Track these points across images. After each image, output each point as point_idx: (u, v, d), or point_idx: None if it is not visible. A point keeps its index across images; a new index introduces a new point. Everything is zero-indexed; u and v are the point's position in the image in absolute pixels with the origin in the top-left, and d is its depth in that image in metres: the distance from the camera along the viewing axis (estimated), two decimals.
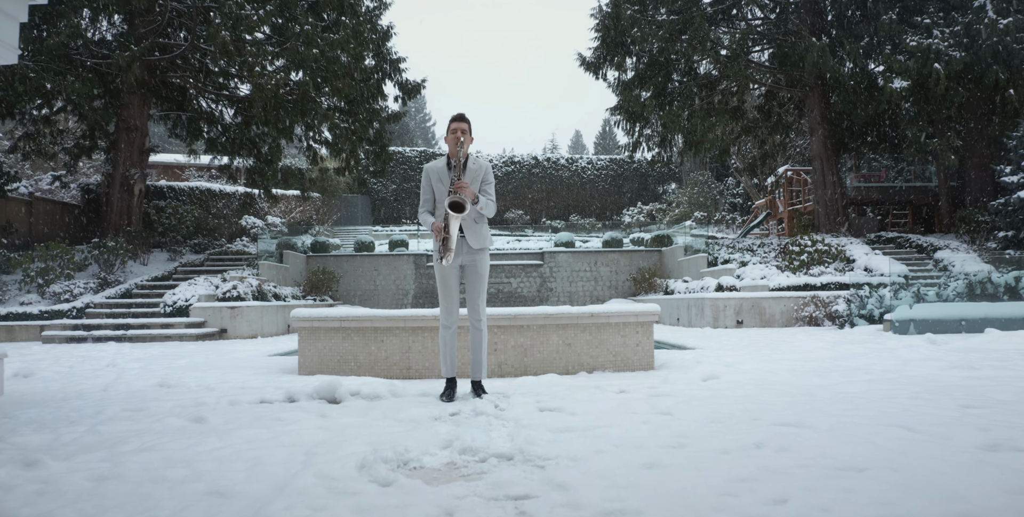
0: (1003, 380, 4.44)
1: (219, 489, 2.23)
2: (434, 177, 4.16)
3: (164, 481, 2.35)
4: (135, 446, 2.89)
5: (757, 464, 2.42)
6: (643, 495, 2.09)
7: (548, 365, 5.59)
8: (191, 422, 3.47)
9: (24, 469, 2.50)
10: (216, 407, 3.90)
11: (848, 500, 1.99)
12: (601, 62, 18.97)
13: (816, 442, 2.72)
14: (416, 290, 19.14)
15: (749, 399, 3.84)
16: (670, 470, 2.38)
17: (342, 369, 5.64)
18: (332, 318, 5.73)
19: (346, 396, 4.18)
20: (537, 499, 2.10)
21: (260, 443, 2.93)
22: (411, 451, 2.67)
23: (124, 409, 3.89)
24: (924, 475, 2.22)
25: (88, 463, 2.60)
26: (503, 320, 5.60)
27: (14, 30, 5.01)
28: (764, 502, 2.00)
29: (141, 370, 6.28)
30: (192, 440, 3.02)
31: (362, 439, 2.95)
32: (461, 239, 4.16)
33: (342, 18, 16.20)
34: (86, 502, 2.12)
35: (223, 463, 2.57)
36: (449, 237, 3.93)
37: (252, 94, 15.68)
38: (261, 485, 2.29)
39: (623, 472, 2.36)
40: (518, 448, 2.68)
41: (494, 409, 3.67)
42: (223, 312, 12.25)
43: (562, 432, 3.05)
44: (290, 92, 16.20)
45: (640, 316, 5.80)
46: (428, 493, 2.18)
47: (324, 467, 2.48)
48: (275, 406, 3.98)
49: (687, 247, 17.85)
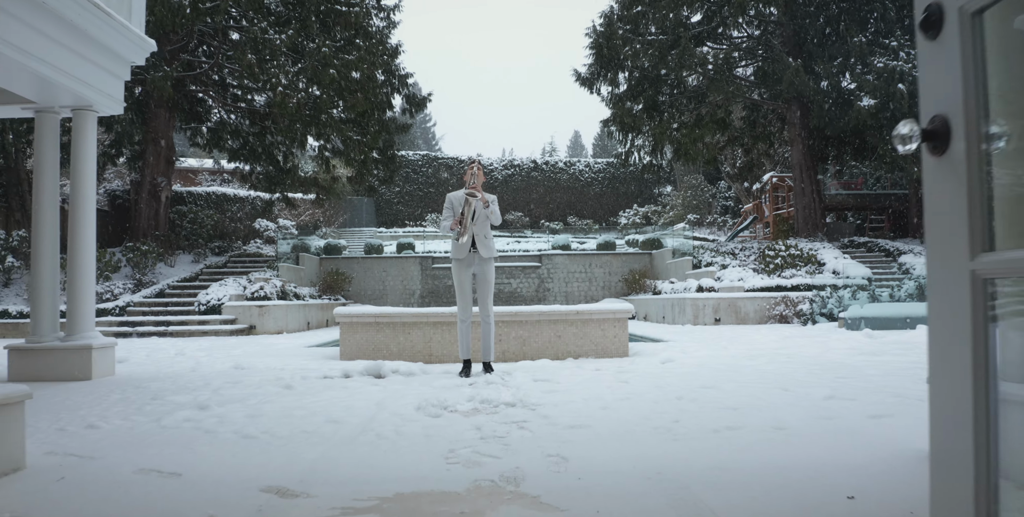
0: (889, 362, 5.79)
1: (333, 419, 3.59)
2: (455, 202, 5.54)
3: (294, 416, 3.70)
4: (258, 401, 4.24)
5: (672, 406, 3.78)
6: (595, 420, 3.45)
7: (542, 352, 6.94)
8: (283, 388, 4.82)
9: (200, 410, 3.85)
10: (293, 380, 5.24)
11: (716, 420, 3.34)
12: (595, 78, 20.31)
13: (716, 396, 4.08)
14: (422, 290, 20.47)
15: (688, 374, 5.20)
16: (616, 410, 3.73)
17: (376, 355, 6.98)
18: (368, 315, 7.08)
19: (388, 373, 5.54)
20: (529, 422, 3.45)
21: (343, 398, 4.28)
22: (447, 402, 4.02)
23: (225, 382, 5.24)
24: (771, 410, 3.58)
25: (236, 409, 3.94)
26: (506, 316, 6.94)
27: (120, 87, 6.37)
28: (667, 421, 3.36)
29: (208, 357, 7.62)
30: (293, 398, 4.37)
31: (411, 396, 4.30)
32: (473, 251, 5.51)
33: (356, 40, 17.52)
34: (254, 426, 3.46)
35: (326, 407, 3.93)
36: (465, 219, 5.32)
37: (273, 109, 17.03)
38: (357, 418, 3.64)
39: (585, 411, 3.71)
40: (518, 399, 4.04)
41: (501, 380, 5.02)
42: (252, 310, 13.59)
43: (548, 393, 4.40)
44: (306, 106, 17.55)
45: (617, 314, 7.15)
46: (463, 420, 3.54)
47: (393, 409, 3.83)
48: (336, 380, 5.33)
49: (675, 250, 19.21)
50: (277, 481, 2.44)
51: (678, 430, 3.20)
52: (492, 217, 5.48)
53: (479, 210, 5.43)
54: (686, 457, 2.70)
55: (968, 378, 1.05)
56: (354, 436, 3.21)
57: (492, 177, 36.58)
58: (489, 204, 5.45)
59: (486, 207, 5.44)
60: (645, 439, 3.04)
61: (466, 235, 5.39)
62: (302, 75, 16.68)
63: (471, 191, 5.38)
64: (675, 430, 3.20)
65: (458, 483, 2.39)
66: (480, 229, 5.49)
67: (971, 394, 1.04)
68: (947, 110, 1.06)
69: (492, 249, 5.58)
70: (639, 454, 2.76)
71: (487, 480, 2.42)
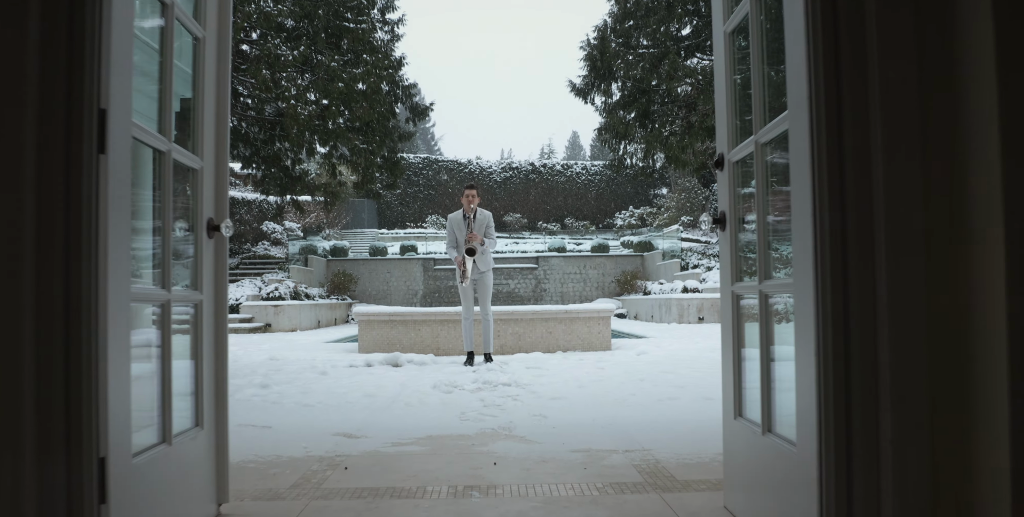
0: None
1: (368, 394, 4.62)
2: (455, 226, 6.56)
3: (336, 392, 4.73)
4: (303, 382, 5.27)
5: (634, 385, 4.82)
6: (571, 394, 4.49)
7: (535, 346, 7.97)
8: (319, 374, 5.85)
9: (262, 389, 4.88)
10: (326, 368, 6.26)
11: (663, 393, 4.38)
12: (589, 89, 21.30)
13: (671, 378, 5.12)
14: (424, 290, 21.50)
15: (655, 363, 6.25)
16: (589, 388, 4.77)
17: (390, 349, 8.01)
18: (383, 313, 8.12)
19: (404, 362, 6.58)
20: (521, 396, 4.48)
21: (371, 381, 5.31)
22: (457, 382, 5.06)
23: (269, 370, 6.26)
24: (708, 388, 4.61)
25: (289, 388, 4.97)
26: (503, 315, 7.97)
27: None
28: (626, 394, 4.40)
29: (242, 351, 8.64)
30: (330, 380, 5.40)
31: (427, 379, 5.34)
32: (474, 265, 6.53)
33: (363, 55, 18.55)
34: (308, 398, 4.49)
35: (360, 386, 4.96)
36: (466, 269, 6.33)
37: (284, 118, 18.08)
38: (387, 393, 4.67)
39: (564, 388, 4.75)
40: (513, 381, 5.08)
41: (499, 367, 6.06)
42: (268, 310, 14.62)
43: (537, 376, 5.44)
44: (315, 116, 18.59)
45: (601, 313, 8.19)
46: (470, 395, 4.57)
47: (414, 388, 4.87)
48: (361, 368, 6.36)
49: (665, 253, 20.26)
50: (341, 430, 3.47)
51: (632, 400, 4.24)
52: (488, 247, 6.47)
53: (477, 247, 6.42)
54: (632, 415, 3.73)
55: (731, 346, 2.08)
56: (388, 405, 4.24)
57: (491, 180, 37.52)
58: (484, 242, 6.42)
59: (482, 244, 6.42)
60: (606, 406, 4.08)
61: (467, 281, 6.39)
62: (312, 87, 17.74)
63: (470, 246, 6.32)
64: (630, 400, 4.24)
65: (469, 430, 3.42)
66: (479, 248, 6.52)
67: (732, 353, 2.07)
68: (725, 208, 2.08)
69: (489, 263, 6.60)
70: (599, 415, 3.80)
71: (489, 428, 3.45)
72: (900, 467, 1.30)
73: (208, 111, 2.06)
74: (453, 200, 35.40)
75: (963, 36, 1.30)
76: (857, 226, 1.36)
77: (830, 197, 1.37)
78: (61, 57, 1.35)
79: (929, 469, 1.31)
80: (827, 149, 1.37)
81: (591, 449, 2.97)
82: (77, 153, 1.35)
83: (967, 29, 1.28)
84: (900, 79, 1.34)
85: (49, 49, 1.35)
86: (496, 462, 2.75)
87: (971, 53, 1.28)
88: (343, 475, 2.60)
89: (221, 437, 2.15)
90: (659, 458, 2.79)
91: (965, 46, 1.29)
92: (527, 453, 2.91)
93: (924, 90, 1.35)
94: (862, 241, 1.36)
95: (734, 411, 2.06)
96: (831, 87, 1.38)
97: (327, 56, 17.80)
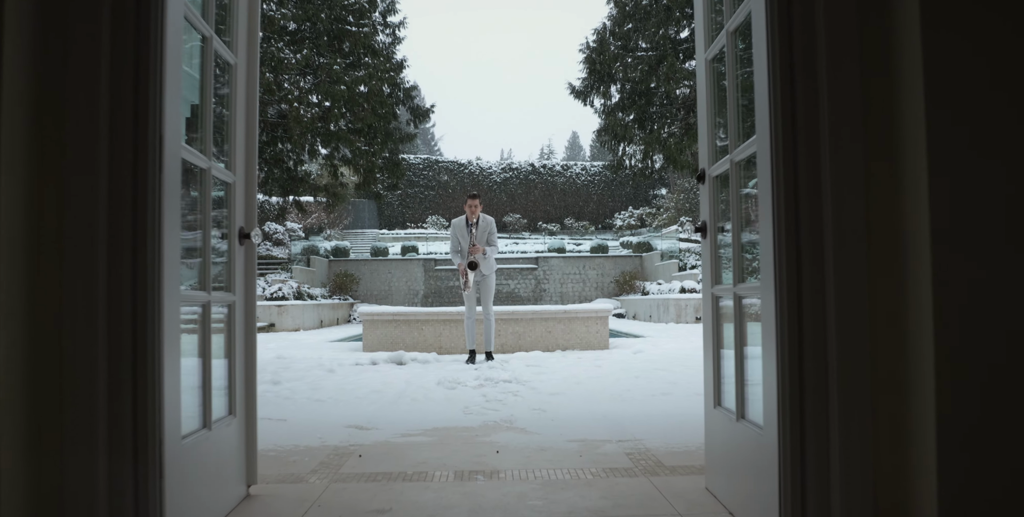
0: None
1: (375, 390, 4.85)
2: (458, 231, 6.79)
3: (345, 388, 4.95)
4: (313, 379, 5.49)
5: (629, 382, 5.04)
6: (569, 390, 4.72)
7: (535, 345, 8.19)
8: (327, 372, 6.07)
9: (274, 385, 5.11)
10: (333, 366, 6.48)
11: (656, 389, 4.60)
12: (589, 91, 21.58)
13: (664, 375, 5.35)
14: (426, 290, 21.72)
15: (650, 361, 6.47)
16: (586, 384, 5.00)
17: (394, 347, 8.23)
18: (387, 313, 8.34)
19: (408, 361, 6.80)
20: (521, 392, 4.71)
21: (378, 377, 5.54)
22: (460, 379, 5.28)
23: (278, 367, 6.48)
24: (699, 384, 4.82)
25: (299, 384, 5.19)
26: (504, 315, 8.19)
27: None
28: (621, 390, 4.62)
29: None
30: (338, 377, 5.62)
31: (431, 376, 5.56)
32: (477, 270, 6.76)
33: (365, 59, 18.79)
34: (319, 394, 4.71)
35: (367, 383, 5.18)
36: (468, 279, 6.56)
37: (287, 121, 18.30)
38: (393, 389, 4.90)
39: (563, 385, 4.98)
40: (514, 377, 5.31)
41: (500, 365, 6.28)
42: (271, 309, 14.84)
43: (537, 374, 5.66)
44: (318, 118, 18.82)
45: (599, 313, 8.42)
46: (473, 391, 4.79)
47: (419, 384, 5.09)
48: (367, 366, 6.58)
49: (663, 253, 20.48)
50: (352, 422, 3.69)
51: (627, 395, 4.46)
52: (490, 254, 6.70)
53: (480, 260, 6.64)
54: (626, 409, 3.96)
55: (711, 342, 2.30)
56: (394, 400, 4.47)
57: (491, 180, 37.73)
58: (486, 251, 6.65)
59: (484, 254, 6.65)
60: (602, 401, 4.30)
61: (468, 287, 6.63)
62: (315, 90, 17.95)
63: (473, 260, 6.56)
64: (625, 396, 4.46)
65: (473, 422, 3.65)
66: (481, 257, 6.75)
67: (712, 349, 2.30)
68: (706, 218, 2.30)
69: (492, 266, 6.83)
70: (595, 408, 4.02)
71: (491, 421, 3.68)
72: (846, 439, 1.53)
73: (239, 131, 2.29)
74: (454, 200, 35.69)
75: (899, 110, 1.52)
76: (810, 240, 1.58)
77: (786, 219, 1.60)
78: (129, 95, 1.57)
79: (871, 440, 1.53)
80: (783, 177, 1.60)
81: (587, 439, 3.19)
82: (143, 174, 1.58)
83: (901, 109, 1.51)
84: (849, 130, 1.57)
85: (118, 93, 1.57)
86: (498, 451, 2.98)
87: (905, 124, 1.50)
88: (357, 462, 2.82)
89: (250, 425, 2.38)
90: (649, 447, 3.01)
91: (899, 118, 1.52)
92: (527, 443, 3.14)
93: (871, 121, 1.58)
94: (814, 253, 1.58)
95: (714, 401, 2.29)
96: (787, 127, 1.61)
97: (329, 59, 18.05)
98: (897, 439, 1.54)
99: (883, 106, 1.57)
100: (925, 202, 1.44)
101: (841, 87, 1.56)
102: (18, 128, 1.46)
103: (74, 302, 1.54)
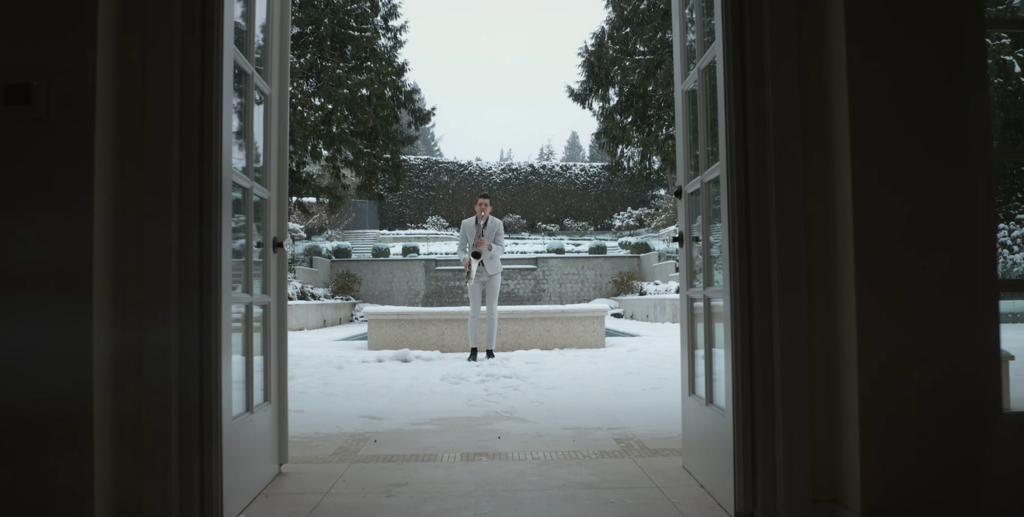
0: None
1: (384, 384, 5.17)
2: (467, 231, 7.12)
3: (355, 384, 5.28)
4: (323, 375, 5.82)
5: (622, 377, 5.37)
6: (566, 385, 5.04)
7: (534, 343, 8.52)
8: (336, 368, 6.39)
9: (288, 380, 5.42)
10: (341, 363, 6.81)
11: (647, 384, 4.93)
12: (587, 94, 21.92)
13: (656, 371, 5.68)
14: (426, 290, 22.04)
15: (644, 358, 6.80)
16: (582, 379, 5.32)
17: (398, 346, 8.55)
18: (392, 313, 8.67)
19: (413, 358, 7.13)
20: (520, 387, 5.03)
21: (384, 374, 5.86)
22: (463, 375, 5.60)
23: (288, 364, 6.80)
24: None
25: (312, 380, 5.51)
26: (504, 314, 8.51)
27: None
28: (614, 385, 4.95)
29: None
30: (347, 373, 5.95)
31: (435, 372, 5.89)
32: (481, 267, 7.09)
33: (367, 63, 19.12)
34: (331, 388, 5.04)
35: (375, 378, 5.51)
36: (471, 270, 6.89)
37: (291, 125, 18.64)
38: (400, 384, 5.22)
39: (560, 380, 5.31)
40: (514, 373, 5.63)
41: (501, 362, 6.61)
42: None
43: (536, 370, 5.99)
44: (321, 121, 19.15)
45: (596, 312, 8.74)
46: (475, 385, 5.12)
47: (424, 380, 5.42)
48: (373, 363, 6.90)
49: (661, 254, 20.80)
50: (365, 413, 4.02)
51: (620, 389, 4.79)
52: (496, 251, 7.03)
53: (485, 253, 6.97)
54: (618, 402, 4.29)
55: (686, 337, 2.63)
56: (402, 394, 4.79)
57: (490, 181, 38.02)
58: (492, 247, 6.99)
59: (490, 249, 6.98)
60: (596, 394, 4.63)
61: (471, 281, 6.96)
62: (318, 93, 18.29)
63: (477, 250, 6.90)
64: (618, 389, 4.79)
65: (476, 413, 3.97)
66: (486, 253, 7.08)
67: (687, 343, 2.62)
68: (682, 229, 2.63)
69: (497, 267, 7.16)
70: (590, 401, 4.35)
71: (493, 412, 4.00)
72: (788, 418, 1.85)
73: (273, 153, 2.61)
74: (454, 201, 36.02)
75: (833, 150, 1.85)
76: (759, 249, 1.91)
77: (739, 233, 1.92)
78: (195, 133, 1.90)
79: (810, 419, 1.86)
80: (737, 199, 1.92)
81: (580, 427, 3.52)
82: (208, 195, 1.90)
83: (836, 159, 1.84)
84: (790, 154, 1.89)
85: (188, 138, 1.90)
86: (500, 437, 3.30)
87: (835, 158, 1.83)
88: (373, 446, 3.15)
89: (282, 411, 2.71)
90: (636, 433, 3.34)
91: (833, 153, 1.85)
92: (526, 430, 3.46)
93: (806, 158, 1.91)
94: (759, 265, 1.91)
95: (688, 389, 2.61)
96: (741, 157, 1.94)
97: (332, 63, 18.37)
98: (834, 421, 1.86)
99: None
100: (849, 217, 1.76)
101: (783, 131, 1.88)
102: (108, 181, 1.79)
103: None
